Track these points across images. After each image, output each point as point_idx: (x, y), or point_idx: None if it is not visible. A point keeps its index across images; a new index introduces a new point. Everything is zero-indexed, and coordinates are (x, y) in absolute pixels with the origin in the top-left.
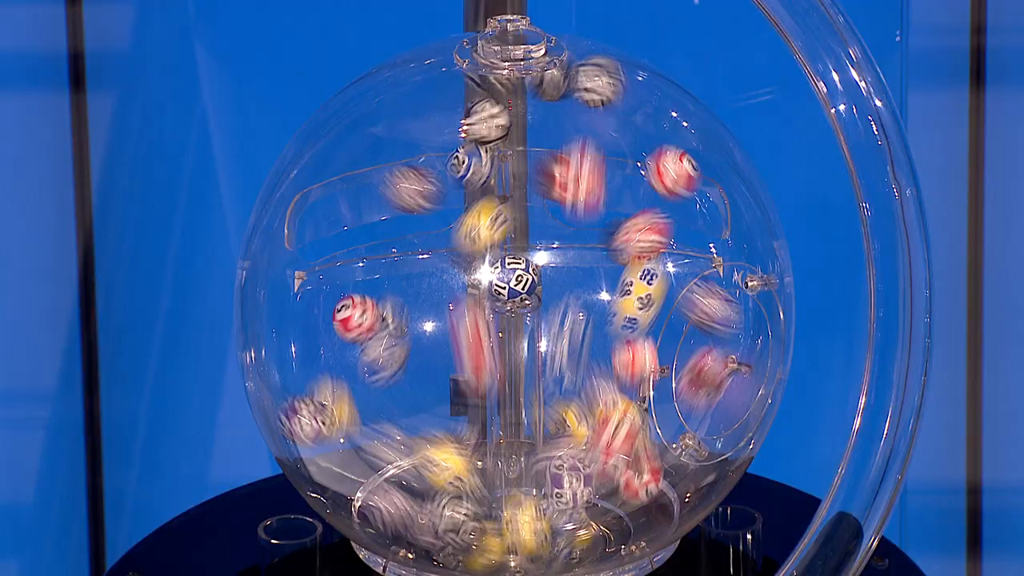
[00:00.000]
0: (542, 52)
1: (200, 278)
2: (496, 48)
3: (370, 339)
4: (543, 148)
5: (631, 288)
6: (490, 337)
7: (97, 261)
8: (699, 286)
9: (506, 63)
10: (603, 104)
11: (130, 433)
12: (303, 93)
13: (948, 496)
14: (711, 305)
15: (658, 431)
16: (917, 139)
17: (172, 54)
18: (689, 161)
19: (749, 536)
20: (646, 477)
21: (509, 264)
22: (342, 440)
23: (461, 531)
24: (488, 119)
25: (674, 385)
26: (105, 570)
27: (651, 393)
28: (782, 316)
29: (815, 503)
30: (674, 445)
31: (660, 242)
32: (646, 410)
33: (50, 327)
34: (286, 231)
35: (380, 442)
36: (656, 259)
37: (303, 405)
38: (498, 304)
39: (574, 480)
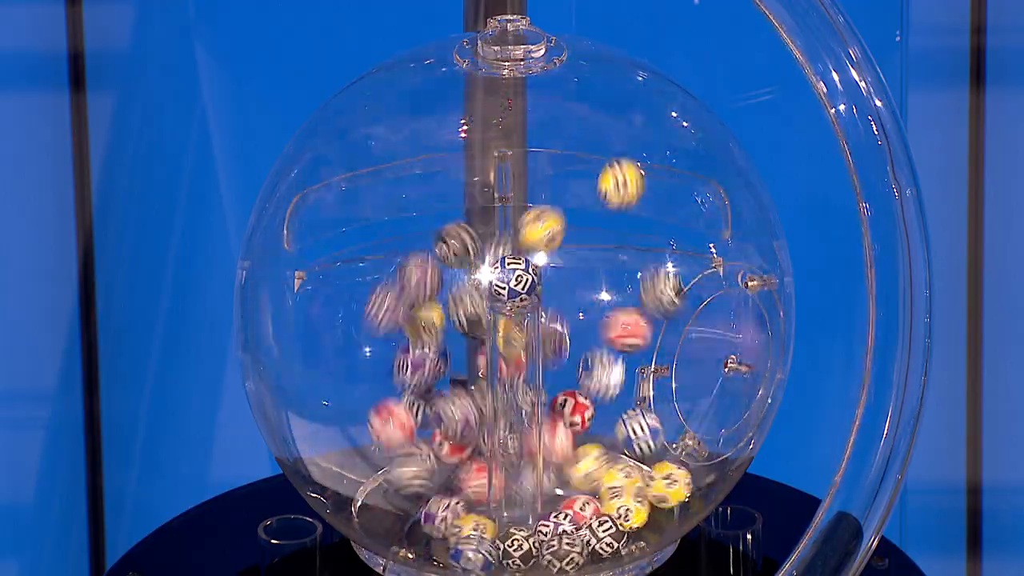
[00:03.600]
0: (542, 52)
1: (200, 278)
2: (496, 48)
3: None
4: (543, 148)
5: None
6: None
7: (97, 261)
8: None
9: (506, 63)
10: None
11: (130, 433)
12: (303, 93)
13: (948, 496)
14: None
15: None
16: (917, 139)
17: (172, 54)
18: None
19: (749, 536)
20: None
21: (509, 264)
22: None
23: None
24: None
25: (673, 385)
26: (105, 570)
27: (651, 393)
28: (782, 316)
29: (815, 503)
30: (674, 445)
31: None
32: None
33: (50, 327)
34: (285, 231)
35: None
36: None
37: None
38: (498, 304)
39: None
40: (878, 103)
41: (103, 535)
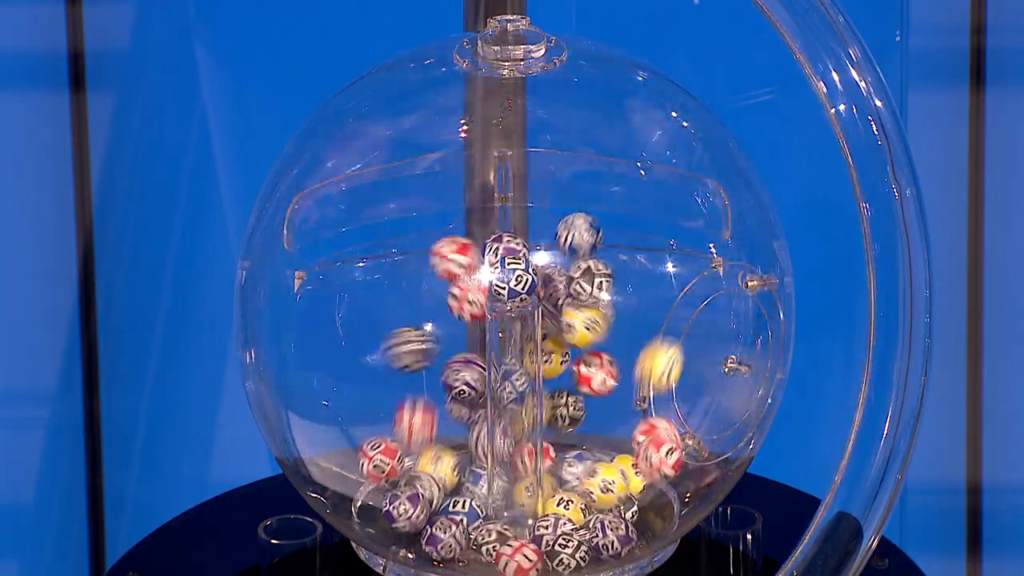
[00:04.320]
0: (542, 52)
1: (200, 278)
2: (496, 48)
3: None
4: (543, 148)
5: None
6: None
7: (97, 261)
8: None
9: (506, 63)
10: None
11: (130, 433)
12: (303, 93)
13: (948, 496)
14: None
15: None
16: (917, 139)
17: (172, 54)
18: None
19: (749, 536)
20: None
21: (509, 264)
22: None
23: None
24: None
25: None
26: (105, 570)
27: (651, 393)
28: (782, 316)
29: (815, 503)
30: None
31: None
32: (645, 411)
33: (50, 327)
34: (285, 231)
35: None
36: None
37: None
38: (498, 304)
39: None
40: (878, 103)
41: (103, 535)
